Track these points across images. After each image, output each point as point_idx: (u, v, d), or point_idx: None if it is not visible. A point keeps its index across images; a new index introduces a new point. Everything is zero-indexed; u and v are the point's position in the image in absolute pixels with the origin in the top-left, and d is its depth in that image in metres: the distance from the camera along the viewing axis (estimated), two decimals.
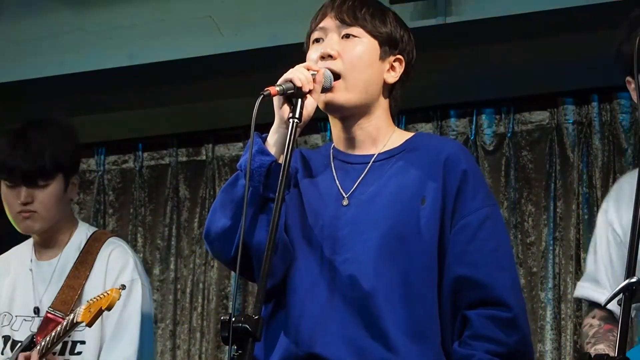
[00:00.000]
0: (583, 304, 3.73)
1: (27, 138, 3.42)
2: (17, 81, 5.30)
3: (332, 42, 2.53)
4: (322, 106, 2.51)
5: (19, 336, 3.45)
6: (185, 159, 5.49)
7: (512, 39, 4.51)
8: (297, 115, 2.37)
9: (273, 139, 2.43)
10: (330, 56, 2.51)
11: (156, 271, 5.43)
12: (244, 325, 2.12)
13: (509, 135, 4.86)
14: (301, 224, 2.51)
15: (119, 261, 3.45)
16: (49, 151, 3.40)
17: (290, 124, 2.36)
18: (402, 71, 2.59)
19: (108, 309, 3.12)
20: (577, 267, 4.60)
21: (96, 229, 3.63)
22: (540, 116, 4.84)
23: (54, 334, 3.26)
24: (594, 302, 2.89)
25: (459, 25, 4.62)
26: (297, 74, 2.39)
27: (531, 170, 4.83)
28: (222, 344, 5.00)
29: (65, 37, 5.31)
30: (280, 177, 2.28)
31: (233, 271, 3.02)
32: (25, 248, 3.60)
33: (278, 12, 4.90)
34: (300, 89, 2.39)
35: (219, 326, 2.18)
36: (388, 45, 2.56)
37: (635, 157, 4.57)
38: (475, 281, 2.44)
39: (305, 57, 2.57)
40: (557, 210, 4.73)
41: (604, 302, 2.29)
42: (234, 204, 2.42)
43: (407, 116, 4.96)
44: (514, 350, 2.43)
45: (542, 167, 4.80)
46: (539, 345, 4.65)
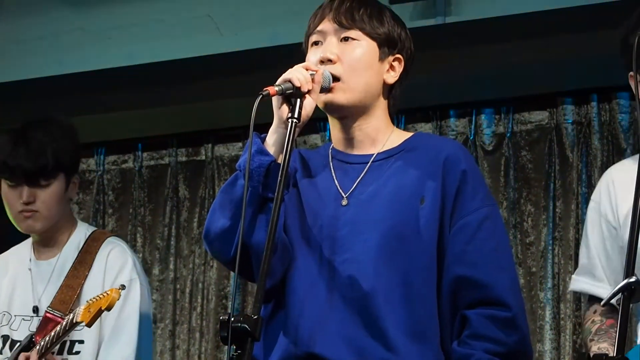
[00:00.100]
0: (582, 298, 3.73)
1: (28, 137, 3.41)
2: (17, 81, 5.31)
3: (331, 46, 2.53)
4: (322, 106, 2.51)
5: (17, 336, 3.44)
6: (184, 159, 5.49)
7: (512, 39, 4.50)
8: (296, 115, 2.37)
9: (272, 139, 2.43)
10: (330, 60, 2.51)
11: (155, 271, 5.42)
12: (243, 325, 2.12)
13: (508, 135, 4.86)
14: (300, 224, 2.50)
15: (117, 261, 3.45)
16: (51, 150, 3.40)
17: (289, 124, 2.36)
18: (401, 70, 2.59)
19: (108, 309, 3.12)
20: (576, 267, 4.57)
21: (95, 228, 3.63)
22: (540, 116, 4.83)
23: (53, 333, 3.25)
24: (592, 296, 2.88)
25: (458, 25, 4.62)
26: (296, 74, 2.39)
27: (530, 170, 4.83)
28: (221, 343, 5.00)
29: (65, 37, 5.31)
30: (279, 177, 2.28)
31: (232, 271, 3.01)
32: (24, 247, 3.60)
33: (277, 12, 4.91)
34: (299, 89, 2.39)
35: (218, 326, 2.18)
36: (387, 45, 2.56)
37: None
38: (475, 281, 2.44)
39: (305, 58, 2.57)
40: (557, 210, 4.73)
41: (602, 303, 2.28)
42: (233, 204, 2.42)
43: (406, 116, 4.95)
44: (513, 350, 2.43)
45: (542, 167, 4.79)
46: (538, 345, 4.64)
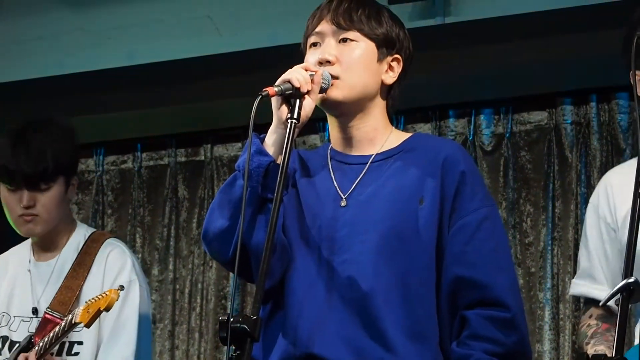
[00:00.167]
0: (580, 300, 3.72)
1: (28, 140, 3.39)
2: (17, 81, 5.30)
3: (330, 47, 2.52)
4: (319, 103, 2.50)
5: (17, 337, 3.44)
6: (184, 159, 5.49)
7: (511, 39, 4.50)
8: (295, 116, 2.37)
9: (271, 139, 2.43)
10: (329, 62, 2.50)
11: (155, 271, 5.42)
12: (242, 326, 2.12)
13: (507, 135, 4.86)
14: (299, 225, 2.50)
15: (117, 262, 3.44)
16: (51, 153, 3.38)
17: (289, 124, 2.36)
18: (400, 70, 2.59)
19: (106, 309, 3.11)
20: (576, 267, 4.57)
21: (94, 229, 3.63)
22: (539, 116, 4.83)
23: (52, 334, 3.25)
24: (590, 299, 2.88)
25: (457, 25, 4.62)
26: (296, 75, 2.39)
27: (529, 170, 4.83)
28: (220, 344, 5.00)
29: (65, 37, 5.31)
30: (278, 178, 2.28)
31: (231, 272, 3.02)
32: (23, 249, 3.59)
33: (276, 12, 4.91)
34: (298, 89, 2.38)
35: (217, 326, 2.18)
36: (385, 46, 2.55)
37: (633, 157, 4.56)
38: (474, 281, 2.43)
39: (304, 58, 2.57)
40: (556, 210, 4.73)
41: (601, 303, 2.28)
42: (232, 205, 2.42)
43: (405, 116, 4.95)
44: (512, 350, 2.43)
45: (541, 167, 4.80)
46: (537, 345, 4.64)
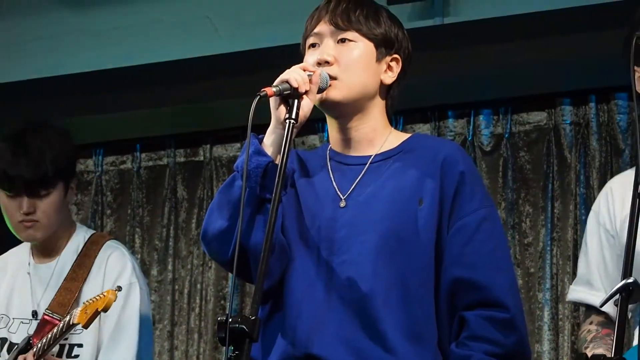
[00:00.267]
0: (580, 308, 3.72)
1: (27, 145, 3.39)
2: (16, 82, 5.30)
3: (328, 48, 2.52)
4: (318, 103, 2.50)
5: (16, 339, 3.44)
6: (183, 159, 5.48)
7: (510, 39, 4.50)
8: (293, 116, 2.37)
9: (270, 139, 2.43)
10: (327, 62, 2.50)
11: (154, 272, 5.42)
12: (241, 326, 2.12)
13: (506, 136, 4.86)
14: (298, 225, 2.50)
15: (117, 265, 3.44)
16: (50, 158, 3.37)
17: (287, 124, 2.36)
18: (399, 70, 2.58)
19: (104, 310, 3.11)
20: (575, 268, 4.57)
21: (94, 231, 3.62)
22: (538, 117, 4.83)
23: (50, 335, 3.24)
24: (590, 306, 2.88)
25: (456, 25, 4.62)
26: (294, 75, 2.39)
27: (529, 171, 4.83)
28: (219, 344, 5.00)
29: (64, 38, 5.31)
30: (277, 178, 2.28)
31: (230, 272, 3.02)
32: (22, 250, 3.59)
33: (275, 12, 4.90)
34: (296, 89, 2.38)
35: (216, 327, 2.18)
36: (384, 46, 2.55)
37: (632, 157, 4.56)
38: (473, 282, 2.43)
39: (302, 59, 2.57)
40: (555, 211, 4.73)
41: (600, 303, 2.28)
42: (231, 205, 2.42)
43: (404, 117, 4.95)
44: (511, 351, 2.43)
45: (540, 167, 4.79)
46: (536, 345, 4.64)
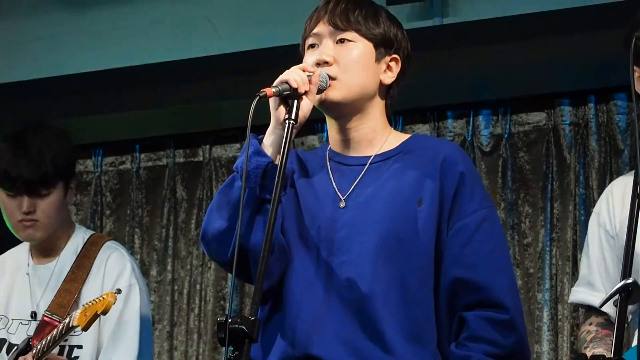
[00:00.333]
0: (580, 309, 3.72)
1: (27, 145, 3.39)
2: (16, 82, 5.30)
3: (327, 48, 2.52)
4: (317, 104, 2.50)
5: (15, 340, 3.43)
6: (182, 160, 5.48)
7: (509, 40, 4.50)
8: (293, 117, 2.37)
9: (269, 140, 2.43)
10: (326, 62, 2.50)
11: (153, 272, 5.42)
12: (240, 327, 2.12)
13: (505, 136, 4.86)
14: (298, 226, 2.50)
15: (116, 266, 3.43)
16: (50, 158, 3.38)
17: (287, 125, 2.36)
18: (398, 70, 2.58)
19: (104, 313, 3.10)
20: (574, 268, 4.59)
21: (93, 232, 3.62)
22: (537, 117, 4.83)
23: (49, 337, 3.23)
24: (590, 306, 2.88)
25: (455, 26, 4.62)
26: (293, 75, 2.39)
27: (528, 171, 4.83)
28: (219, 345, 5.00)
29: (64, 38, 5.30)
30: (276, 178, 2.28)
31: (229, 273, 3.02)
32: (21, 251, 3.58)
33: (275, 13, 4.91)
34: (296, 90, 2.38)
35: (215, 327, 2.17)
36: (383, 46, 2.55)
37: (631, 158, 4.57)
38: (473, 283, 2.43)
39: (302, 60, 2.57)
40: (554, 211, 4.73)
41: (599, 303, 2.28)
42: (230, 206, 2.42)
43: (404, 117, 4.96)
44: (511, 351, 2.43)
45: (539, 168, 4.80)
46: (535, 346, 4.64)
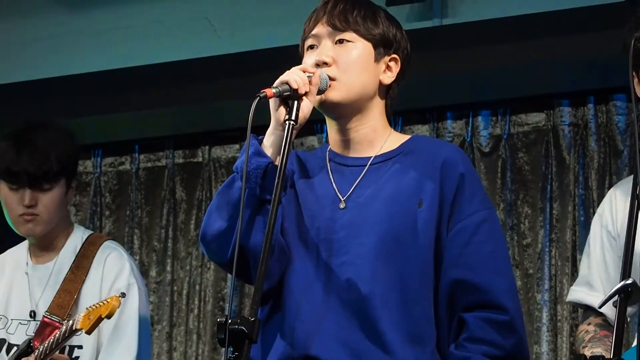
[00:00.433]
0: (579, 309, 3.72)
1: (30, 142, 3.40)
2: (15, 83, 5.31)
3: (326, 49, 2.52)
4: (317, 104, 2.50)
5: (14, 340, 3.43)
6: (181, 160, 5.49)
7: (508, 40, 4.51)
8: (293, 118, 2.37)
9: (269, 140, 2.43)
10: (326, 63, 2.50)
11: (153, 273, 5.42)
12: (240, 327, 2.12)
13: (505, 137, 4.86)
14: (297, 226, 2.50)
15: (115, 266, 3.44)
16: (54, 154, 3.39)
17: (287, 126, 2.36)
18: (398, 70, 2.58)
19: (108, 317, 3.08)
20: (574, 269, 4.60)
21: (91, 232, 3.62)
22: (537, 118, 4.84)
23: (52, 340, 3.22)
24: (589, 306, 2.88)
25: (454, 27, 4.63)
26: (293, 76, 2.39)
27: (527, 172, 4.83)
28: (218, 345, 5.00)
29: (63, 39, 5.31)
30: (276, 179, 2.28)
31: (229, 273, 3.01)
32: (20, 251, 3.58)
33: (274, 14, 4.91)
34: (296, 91, 2.38)
35: (215, 328, 2.18)
36: (382, 46, 2.55)
37: (631, 158, 4.57)
38: (472, 284, 2.43)
39: (301, 61, 2.57)
40: (553, 212, 4.73)
41: (599, 304, 2.28)
42: (230, 206, 2.42)
43: (403, 118, 4.96)
44: (510, 352, 2.43)
45: (538, 169, 4.80)
46: (535, 346, 4.65)
